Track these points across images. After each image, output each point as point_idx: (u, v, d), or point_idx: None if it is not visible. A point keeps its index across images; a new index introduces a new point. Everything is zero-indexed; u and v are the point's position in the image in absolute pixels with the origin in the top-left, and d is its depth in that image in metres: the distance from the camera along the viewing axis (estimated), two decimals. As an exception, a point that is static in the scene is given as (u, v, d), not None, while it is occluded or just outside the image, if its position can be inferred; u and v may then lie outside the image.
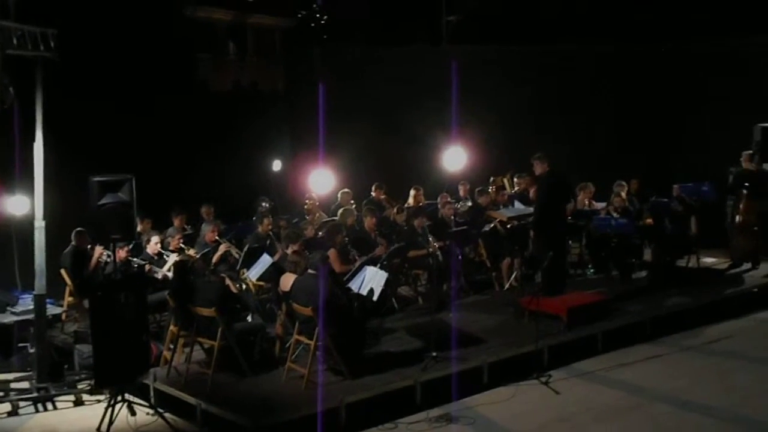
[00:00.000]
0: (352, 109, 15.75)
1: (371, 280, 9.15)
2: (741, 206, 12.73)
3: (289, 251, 9.76)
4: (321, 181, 13.23)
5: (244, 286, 10.32)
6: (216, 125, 14.56)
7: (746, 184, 12.79)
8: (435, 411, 8.21)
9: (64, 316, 10.84)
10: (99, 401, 8.92)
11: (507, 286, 11.96)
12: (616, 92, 16.76)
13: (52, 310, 10.06)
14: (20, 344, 9.93)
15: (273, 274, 10.04)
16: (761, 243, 12.67)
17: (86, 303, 10.75)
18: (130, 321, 8.13)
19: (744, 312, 11.17)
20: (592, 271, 12.71)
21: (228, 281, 9.46)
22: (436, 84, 15.54)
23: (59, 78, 9.64)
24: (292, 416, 7.80)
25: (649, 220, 12.60)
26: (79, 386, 9.27)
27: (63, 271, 10.86)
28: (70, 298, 10.95)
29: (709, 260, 12.93)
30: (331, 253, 10.12)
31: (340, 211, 11.79)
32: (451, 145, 13.92)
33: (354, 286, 9.27)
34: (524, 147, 14.63)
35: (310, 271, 8.76)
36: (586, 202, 13.00)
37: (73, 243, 10.96)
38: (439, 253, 10.99)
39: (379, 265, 9.67)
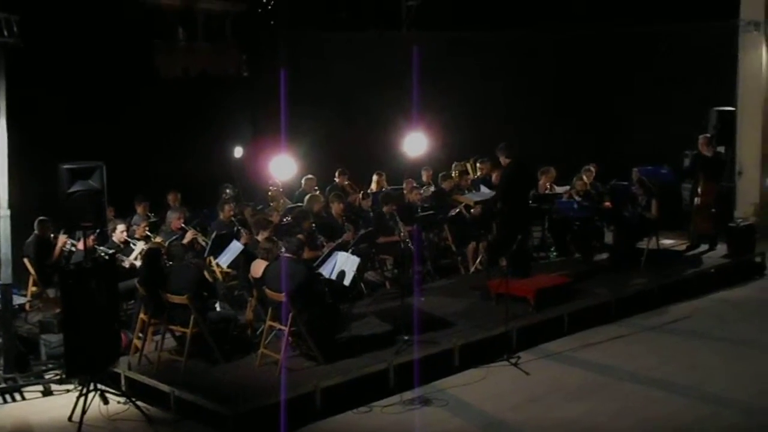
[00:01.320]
0: (313, 95, 15.74)
1: (343, 265, 9.22)
2: (699, 189, 13.01)
3: (259, 238, 9.78)
4: (282, 167, 13.20)
5: (213, 275, 10.32)
6: (177, 112, 14.45)
7: (703, 167, 13.09)
8: (408, 394, 8.33)
9: (27, 306, 10.74)
10: (68, 391, 8.88)
11: (472, 269, 12.12)
12: (576, 76, 17.02)
13: (16, 299, 9.97)
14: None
15: (241, 260, 10.07)
16: (718, 225, 12.97)
17: (50, 292, 10.72)
18: (101, 309, 8.09)
19: (702, 292, 11.46)
20: (554, 254, 12.91)
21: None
22: (396, 69, 15.62)
23: (21, 65, 9.54)
24: (267, 402, 7.84)
25: (608, 204, 12.83)
26: (47, 376, 9.22)
27: (26, 261, 10.75)
28: (34, 288, 10.86)
29: (668, 242, 13.21)
30: (300, 238, 10.17)
31: (307, 197, 11.82)
32: (412, 130, 14.00)
33: (325, 271, 9.33)
34: (485, 132, 14.89)
35: (283, 256, 8.80)
36: (548, 186, 13.19)
37: (36, 232, 10.86)
38: (408, 238, 11.09)
39: (349, 250, 9.74)
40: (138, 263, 10.19)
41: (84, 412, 7.84)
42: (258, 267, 9.13)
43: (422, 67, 14.76)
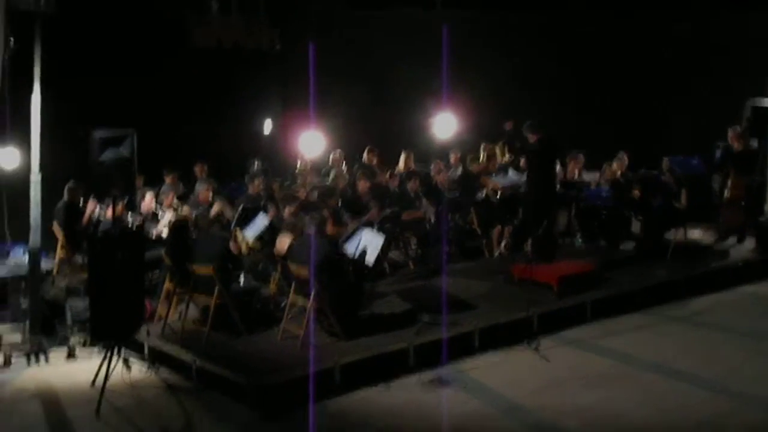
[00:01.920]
0: (344, 72, 15.69)
1: (368, 243, 9.23)
2: (729, 182, 12.87)
3: (285, 213, 9.82)
4: (311, 143, 13.23)
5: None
6: (208, 84, 14.47)
7: (734, 160, 12.95)
8: (427, 374, 8.35)
9: (55, 271, 10.86)
10: (92, 356, 9.02)
11: (497, 253, 12.09)
12: (612, 62, 16.80)
13: (44, 264, 10.10)
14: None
15: (267, 235, 10.12)
16: (747, 218, 12.84)
17: (78, 258, 10.84)
18: (126, 277, 8.15)
19: (729, 285, 11.32)
20: (580, 240, 12.85)
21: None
22: (428, 49, 15.50)
23: (56, 33, 9.61)
24: (287, 376, 7.91)
25: (637, 192, 12.73)
26: (71, 341, 9.35)
27: (55, 226, 10.87)
28: (62, 253, 10.97)
29: (696, 234, 13.12)
30: (326, 214, 10.20)
31: (332, 174, 11.82)
32: (442, 111, 13.94)
33: (350, 249, 9.35)
34: (516, 115, 14.77)
35: (307, 232, 8.84)
36: (576, 173, 13.11)
37: (65, 198, 10.97)
38: (432, 217, 11.08)
39: (374, 228, 9.76)
40: (165, 232, 10.26)
41: (107, 377, 7.93)
42: (283, 242, 9.18)
43: (453, 48, 14.65)
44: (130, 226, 9.84)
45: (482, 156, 14.08)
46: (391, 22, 16.85)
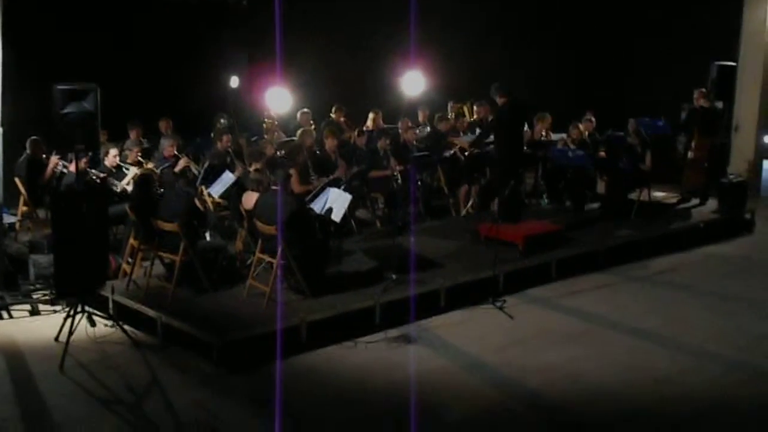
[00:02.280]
0: (311, 28, 15.52)
1: (334, 201, 9.21)
2: (693, 143, 13.00)
3: (251, 169, 9.74)
4: (278, 99, 13.09)
5: (204, 204, 10.30)
6: (175, 39, 14.26)
7: (698, 121, 13.06)
8: (393, 331, 8.37)
9: (17, 226, 10.73)
10: (55, 311, 8.95)
11: (463, 212, 12.13)
12: (576, 23, 16.79)
13: (6, 218, 9.95)
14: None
15: (233, 191, 10.05)
16: (710, 180, 12.99)
17: (41, 213, 10.70)
18: (90, 232, 8.05)
19: (690, 246, 11.52)
20: (546, 201, 12.93)
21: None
22: (397, 3, 15.37)
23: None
24: (253, 332, 7.89)
25: (603, 153, 12.81)
26: (35, 296, 9.25)
27: (17, 180, 10.70)
28: (24, 208, 10.83)
29: (659, 194, 13.24)
30: (293, 172, 10.16)
31: (299, 131, 11.74)
32: (411, 68, 13.85)
33: (316, 207, 9.32)
34: (484, 73, 14.72)
35: (273, 188, 8.78)
36: (543, 133, 13.14)
37: (27, 152, 10.80)
38: (399, 176, 11.06)
39: (341, 187, 9.73)
40: (129, 188, 10.14)
41: (71, 333, 7.87)
42: (249, 198, 9.12)
43: (422, 4, 14.52)
44: (93, 180, 9.70)
45: (450, 114, 14.06)
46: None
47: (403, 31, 14.52)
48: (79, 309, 8.08)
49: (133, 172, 10.46)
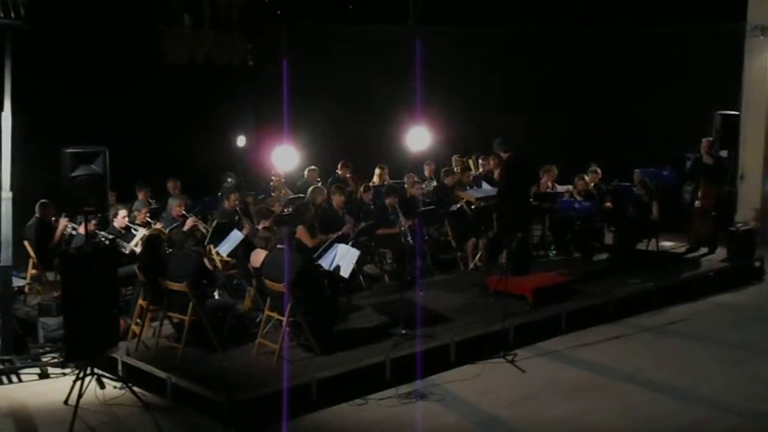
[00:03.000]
0: (317, 87, 15.70)
1: (342, 257, 9.22)
2: (699, 192, 13.02)
3: (260, 227, 9.78)
4: (285, 157, 13.17)
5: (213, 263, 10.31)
6: (180, 99, 14.40)
7: (704, 171, 13.10)
8: (404, 387, 8.33)
9: (27, 288, 10.75)
10: (64, 374, 8.91)
11: (472, 266, 12.12)
12: (580, 75, 16.92)
13: (15, 282, 9.97)
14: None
15: (241, 250, 10.08)
16: (718, 228, 12.97)
17: (50, 276, 10.72)
18: (100, 294, 8.07)
19: (701, 295, 11.48)
20: (554, 252, 12.92)
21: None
22: (401, 63, 15.56)
23: (27, 48, 9.53)
24: (263, 391, 7.84)
25: (609, 204, 12.84)
26: (44, 359, 9.24)
27: (26, 243, 10.75)
28: (33, 271, 10.86)
29: (667, 244, 13.23)
30: (300, 229, 10.20)
31: (310, 189, 11.79)
32: (416, 124, 13.98)
33: (324, 263, 9.32)
34: (488, 128, 14.84)
35: (280, 246, 8.81)
36: (549, 185, 13.19)
37: (37, 215, 10.87)
38: (408, 233, 11.08)
39: (349, 243, 9.75)
40: (138, 249, 10.17)
41: (80, 396, 7.82)
42: (257, 256, 9.14)
43: (427, 62, 14.71)
44: (103, 242, 9.74)
45: (456, 168, 14.14)
46: (365, 37, 16.89)
47: (408, 86, 14.73)
48: (88, 371, 8.05)
49: (141, 233, 10.50)
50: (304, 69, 15.33)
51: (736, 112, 14.02)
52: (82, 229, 9.51)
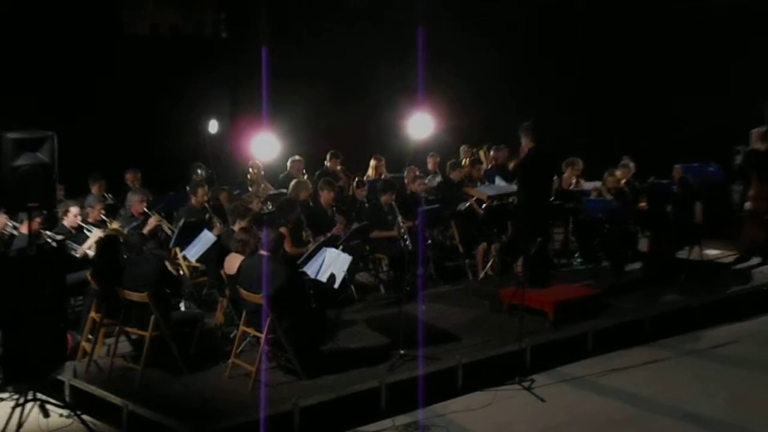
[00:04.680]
0: (303, 64, 15.73)
1: (331, 264, 9.21)
2: (751, 191, 13.02)
3: (235, 228, 9.76)
4: (265, 146, 13.14)
5: (178, 269, 10.30)
6: (142, 77, 14.42)
7: (757, 166, 13.08)
8: (402, 418, 8.29)
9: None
10: (2, 400, 8.86)
11: (482, 275, 12.12)
12: (609, 54, 16.91)
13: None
14: None
15: (213, 254, 10.05)
16: (774, 234, 12.98)
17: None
18: (45, 305, 8.03)
19: (753, 313, 11.48)
20: (579, 260, 12.94)
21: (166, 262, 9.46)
22: (400, 42, 15.55)
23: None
24: (236, 421, 7.80)
25: (644, 204, 12.84)
26: (-22, 382, 9.20)
27: (-41, 244, 10.70)
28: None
29: (713, 252, 13.24)
30: (283, 231, 10.16)
31: (293, 183, 11.78)
32: (417, 111, 13.97)
33: (310, 270, 9.31)
34: (500, 115, 14.83)
35: (260, 252, 8.77)
36: (573, 181, 13.17)
37: (-29, 211, 10.82)
38: (407, 236, 11.07)
39: (339, 247, 9.73)
40: (91, 253, 10.14)
41: (20, 425, 7.80)
42: (232, 262, 9.12)
43: (430, 41, 14.68)
44: (49, 244, 9.69)
45: (464, 161, 14.12)
46: (359, 16, 16.89)
47: (408, 69, 14.69)
48: (30, 397, 8.00)
49: (95, 233, 10.45)
50: (288, 43, 15.31)
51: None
52: (24, 229, 9.48)
